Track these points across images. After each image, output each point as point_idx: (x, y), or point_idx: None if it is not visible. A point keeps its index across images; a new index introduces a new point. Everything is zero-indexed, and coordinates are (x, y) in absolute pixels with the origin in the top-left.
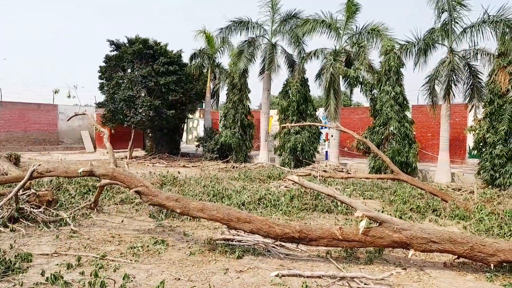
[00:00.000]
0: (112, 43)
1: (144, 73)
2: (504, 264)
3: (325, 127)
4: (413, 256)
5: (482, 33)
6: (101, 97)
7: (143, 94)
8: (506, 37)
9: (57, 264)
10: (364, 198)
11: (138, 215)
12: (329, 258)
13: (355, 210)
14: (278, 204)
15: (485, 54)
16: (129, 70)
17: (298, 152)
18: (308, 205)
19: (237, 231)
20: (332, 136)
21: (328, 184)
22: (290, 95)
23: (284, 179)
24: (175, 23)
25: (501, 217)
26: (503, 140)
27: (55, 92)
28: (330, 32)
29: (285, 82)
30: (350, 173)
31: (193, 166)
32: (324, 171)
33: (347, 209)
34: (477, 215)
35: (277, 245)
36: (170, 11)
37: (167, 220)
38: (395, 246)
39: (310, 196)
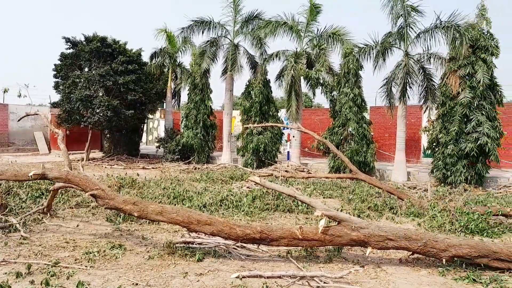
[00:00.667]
0: (68, 40)
1: (102, 72)
2: (456, 259)
3: (287, 128)
4: (371, 254)
5: (435, 38)
6: (56, 97)
7: (101, 94)
8: (456, 42)
9: (5, 273)
10: (324, 197)
11: (95, 219)
12: (289, 258)
13: (315, 209)
14: (240, 205)
15: (438, 58)
16: (86, 69)
17: (260, 153)
18: (270, 205)
19: (198, 234)
20: (293, 136)
21: (290, 184)
22: (253, 96)
23: (246, 180)
24: (133, 21)
25: (452, 214)
26: (454, 140)
27: (4, 91)
28: (291, 34)
29: (248, 83)
30: (310, 173)
31: (153, 168)
32: (286, 171)
33: (307, 209)
34: (430, 212)
35: (238, 247)
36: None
37: (125, 224)
38: (354, 244)
39: (272, 196)
